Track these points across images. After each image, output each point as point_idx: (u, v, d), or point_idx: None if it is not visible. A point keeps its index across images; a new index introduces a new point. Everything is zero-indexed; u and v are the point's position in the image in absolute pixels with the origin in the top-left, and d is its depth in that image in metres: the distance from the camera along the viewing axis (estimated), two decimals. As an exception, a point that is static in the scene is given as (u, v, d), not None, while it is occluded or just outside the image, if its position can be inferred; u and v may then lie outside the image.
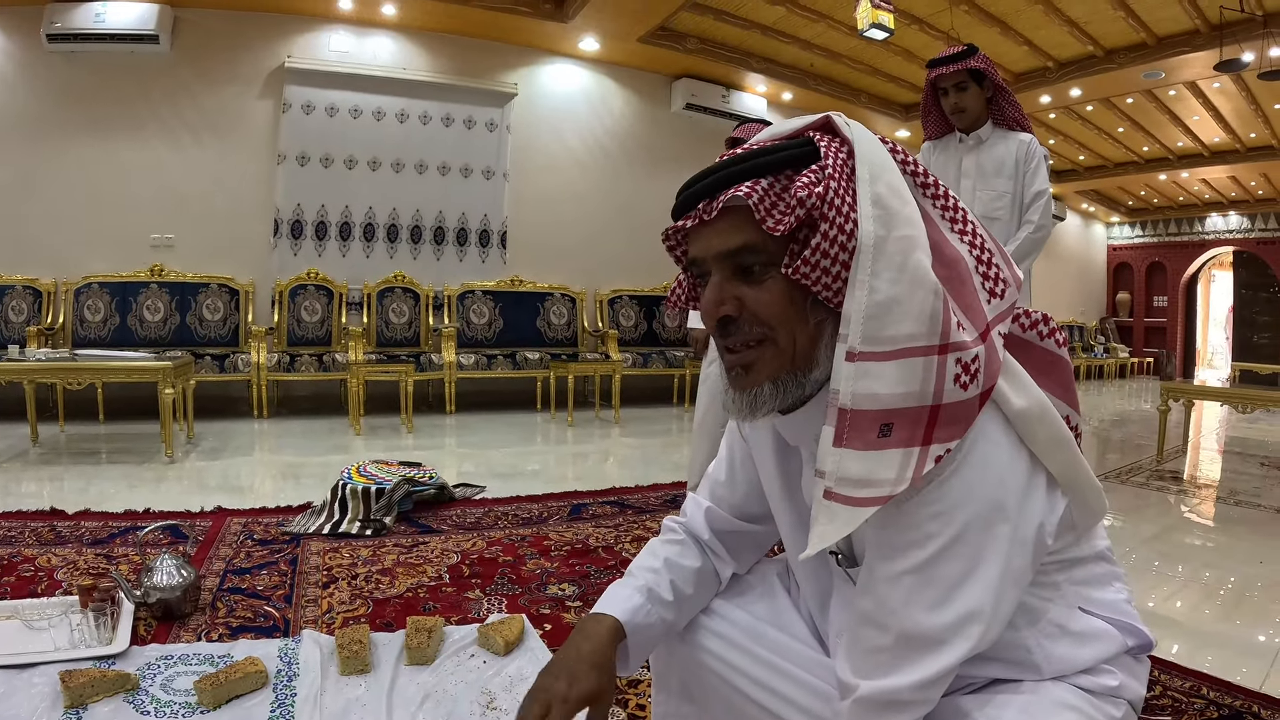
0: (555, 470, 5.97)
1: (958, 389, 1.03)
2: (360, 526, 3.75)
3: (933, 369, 1.02)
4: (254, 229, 8.92)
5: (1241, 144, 15.10)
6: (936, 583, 1.05)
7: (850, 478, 1.04)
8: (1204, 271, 23.14)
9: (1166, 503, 5.25)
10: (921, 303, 1.02)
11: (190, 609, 2.68)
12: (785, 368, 1.14)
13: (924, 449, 1.03)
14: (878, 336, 1.02)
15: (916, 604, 1.06)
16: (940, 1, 9.54)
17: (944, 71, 3.96)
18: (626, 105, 11.17)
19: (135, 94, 8.46)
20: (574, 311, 10.17)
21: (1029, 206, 3.96)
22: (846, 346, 1.02)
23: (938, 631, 1.05)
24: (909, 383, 1.02)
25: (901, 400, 1.02)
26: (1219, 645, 2.79)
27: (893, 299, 1.02)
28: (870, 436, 1.03)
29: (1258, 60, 9.78)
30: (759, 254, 1.11)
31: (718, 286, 1.14)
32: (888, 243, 1.03)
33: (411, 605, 2.82)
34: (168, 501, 4.33)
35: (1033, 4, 9.60)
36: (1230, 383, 11.02)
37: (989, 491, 1.06)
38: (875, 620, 1.09)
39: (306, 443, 6.66)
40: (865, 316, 1.02)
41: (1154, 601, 3.23)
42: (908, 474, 1.02)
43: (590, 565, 3.31)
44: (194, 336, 8.22)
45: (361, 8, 9.10)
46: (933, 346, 1.03)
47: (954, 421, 1.04)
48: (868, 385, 1.02)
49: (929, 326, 1.02)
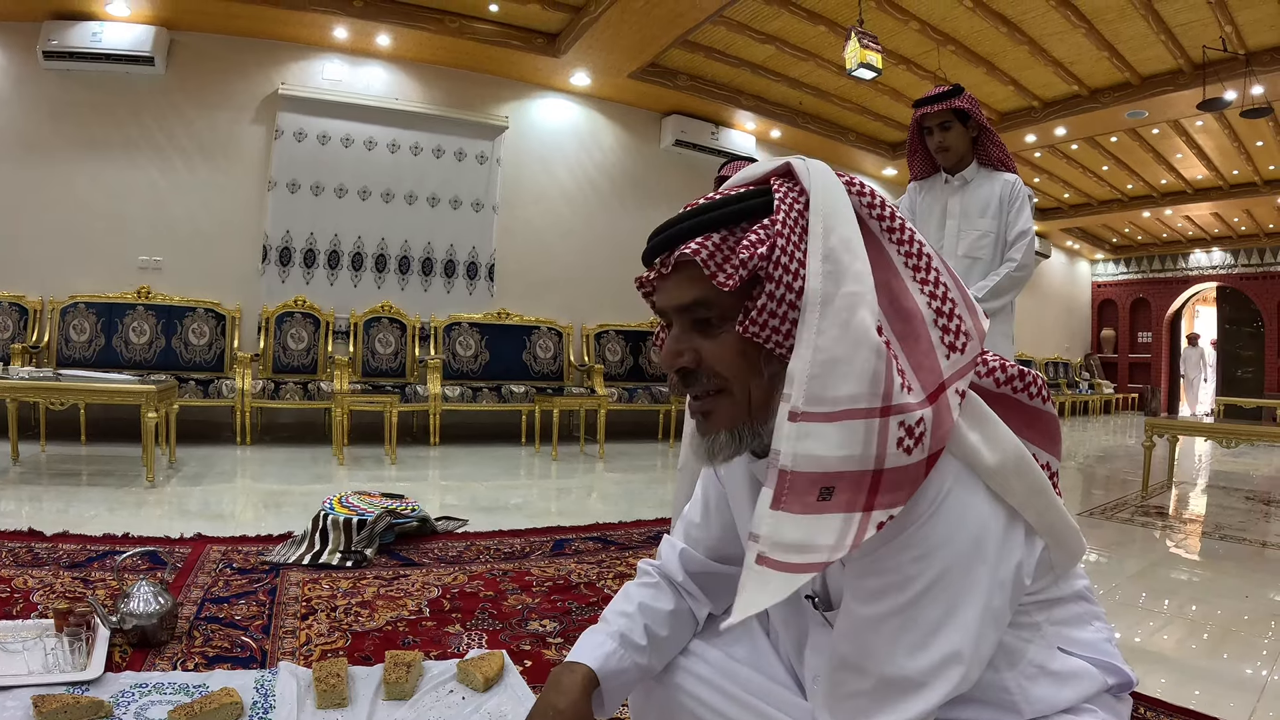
0: (539, 505, 5.94)
1: (901, 453, 1.01)
2: (341, 558, 3.73)
3: (874, 432, 1.01)
4: (243, 254, 8.94)
5: (1224, 181, 15.33)
6: (917, 626, 1.05)
7: (785, 543, 1.02)
8: (1188, 307, 23.35)
9: (1152, 538, 5.28)
10: (864, 363, 1.01)
11: (167, 637, 2.65)
12: (741, 419, 1.16)
13: (865, 514, 1.01)
14: (821, 396, 1.01)
15: (897, 647, 1.05)
16: (928, 42, 9.67)
17: (929, 110, 3.97)
18: (616, 140, 11.26)
19: (128, 115, 8.50)
20: (560, 345, 10.17)
21: (1012, 245, 3.97)
22: (790, 406, 1.02)
23: (918, 674, 1.05)
24: (850, 445, 1.00)
25: (843, 464, 1.01)
26: (1206, 680, 2.80)
27: (836, 358, 1.01)
28: (810, 499, 1.01)
29: (1240, 98, 9.92)
30: (712, 308, 1.12)
31: (676, 339, 1.17)
32: (835, 299, 1.03)
33: (391, 639, 2.80)
34: (147, 526, 4.30)
35: (1018, 45, 9.73)
36: (1215, 417, 11.08)
37: (969, 533, 1.06)
38: (854, 664, 1.09)
39: (289, 471, 6.62)
40: (809, 376, 1.01)
41: (1140, 637, 3.24)
42: (847, 541, 1.00)
43: (572, 601, 3.29)
44: (179, 360, 8.20)
45: (356, 37, 9.16)
46: (874, 409, 1.01)
47: (897, 487, 1.02)
48: (809, 446, 1.01)
49: (870, 388, 1.01)
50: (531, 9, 8.94)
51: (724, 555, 1.52)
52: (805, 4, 8.94)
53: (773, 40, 9.78)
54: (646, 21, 8.73)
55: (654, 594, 1.51)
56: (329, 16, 8.63)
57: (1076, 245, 22.00)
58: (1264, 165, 14.27)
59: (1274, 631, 3.31)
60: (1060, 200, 17.44)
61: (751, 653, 1.48)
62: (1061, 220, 18.46)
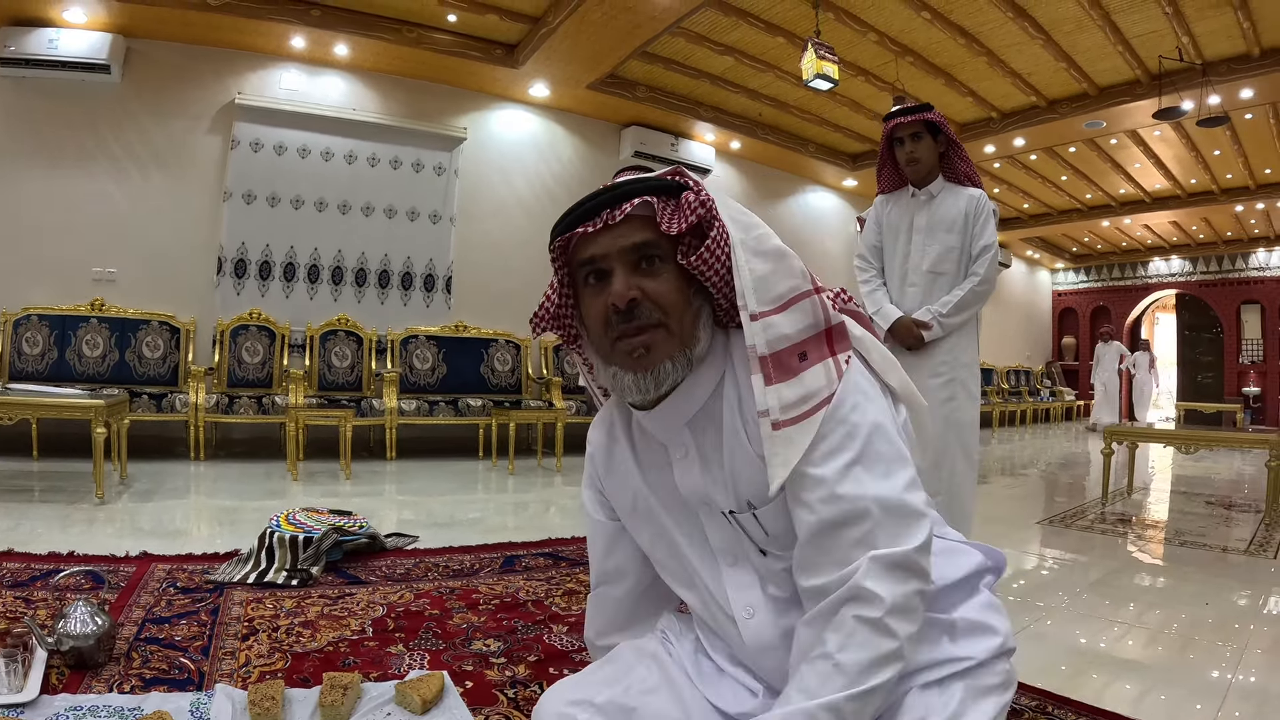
0: (495, 519, 5.90)
1: (835, 313, 1.42)
2: (287, 576, 3.68)
3: (816, 304, 1.39)
4: (197, 266, 8.86)
5: (1183, 190, 15.57)
6: (879, 460, 1.32)
7: (790, 401, 1.33)
8: (1148, 314, 23.63)
9: (1113, 545, 5.32)
10: (794, 263, 1.41)
11: (105, 658, 2.60)
12: (677, 348, 1.42)
13: (834, 358, 1.38)
14: (768, 297, 1.37)
15: (872, 482, 1.30)
16: (886, 53, 9.73)
17: (901, 121, 4.09)
18: (575, 152, 11.27)
19: (83, 124, 8.40)
20: (518, 358, 10.13)
21: (975, 259, 4.09)
22: (748, 312, 1.36)
23: (906, 498, 1.31)
24: (804, 319, 1.38)
25: (804, 332, 1.38)
26: (1169, 686, 2.82)
27: (768, 272, 1.38)
28: (794, 364, 1.35)
29: (1197, 108, 10.05)
30: (656, 248, 1.42)
31: (623, 278, 1.40)
32: (746, 242, 1.40)
33: (331, 660, 2.76)
34: (96, 544, 4.23)
35: (977, 56, 9.81)
36: (1176, 423, 11.20)
37: (864, 387, 1.39)
38: (845, 518, 1.29)
39: (242, 487, 6.55)
40: (753, 288, 1.37)
41: (1105, 643, 3.27)
42: (835, 376, 1.36)
43: (518, 620, 3.26)
44: (133, 374, 8.10)
45: (314, 47, 9.12)
46: (810, 290, 1.40)
47: (843, 336, 1.41)
48: (776, 331, 1.36)
49: (801, 280, 1.40)
50: (490, 19, 8.93)
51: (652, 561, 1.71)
52: (764, 15, 8.98)
53: (731, 51, 9.82)
54: (605, 33, 8.75)
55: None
56: (286, 25, 8.59)
57: (1037, 254, 22.21)
58: (1221, 174, 14.48)
59: (1236, 637, 3.34)
60: (1020, 210, 17.60)
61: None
62: (1022, 230, 18.62)
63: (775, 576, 1.46)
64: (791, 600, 1.44)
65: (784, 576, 1.45)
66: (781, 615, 1.45)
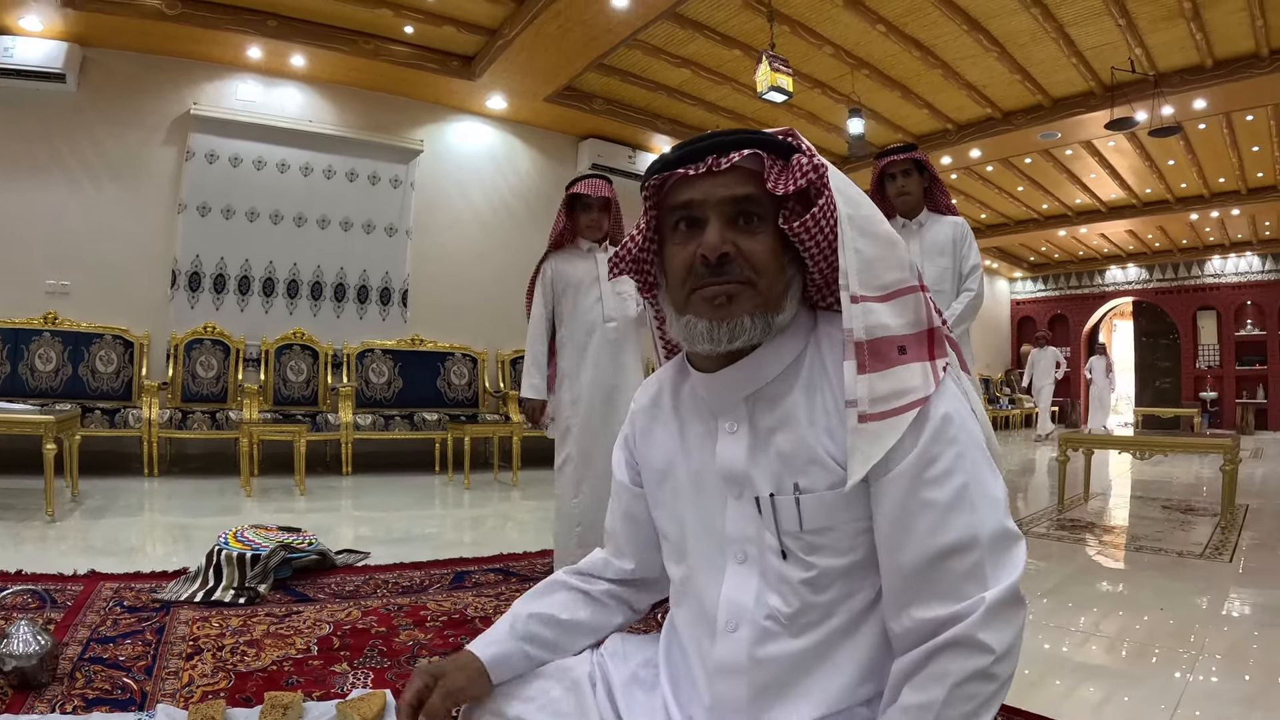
0: (450, 535, 5.90)
1: (936, 315, 1.33)
2: (234, 594, 3.66)
3: (920, 302, 1.31)
4: (151, 279, 8.79)
5: (1138, 199, 15.78)
6: (983, 484, 1.25)
7: (881, 395, 1.24)
8: (1105, 322, 23.94)
9: (1071, 551, 5.37)
10: (902, 254, 1.32)
11: (48, 678, 2.58)
12: (760, 308, 1.33)
13: (932, 362, 1.29)
14: (872, 284, 1.29)
15: (985, 509, 1.23)
16: (842, 66, 9.80)
17: (895, 159, 4.61)
18: (533, 164, 11.28)
19: (37, 133, 8.32)
20: (475, 372, 10.14)
21: (967, 277, 4.61)
22: (850, 293, 1.27)
23: (1004, 522, 1.24)
24: (905, 314, 1.30)
25: (906, 328, 1.29)
26: (1132, 689, 2.88)
27: (878, 257, 1.30)
28: (891, 356, 1.26)
29: (1150, 119, 10.16)
30: (759, 205, 1.33)
31: (718, 230, 1.32)
32: (855, 218, 1.30)
33: (275, 679, 2.74)
34: (46, 562, 4.19)
35: (932, 69, 9.90)
36: (1135, 428, 11.31)
37: (965, 405, 1.31)
38: (957, 546, 1.21)
39: (196, 504, 6.50)
40: (857, 270, 1.28)
41: (1067, 648, 3.32)
42: (930, 380, 1.27)
43: (465, 636, 3.24)
44: (86, 389, 8.02)
45: (270, 57, 9.09)
46: (915, 286, 1.32)
47: (942, 342, 1.32)
48: (876, 319, 1.27)
49: (909, 274, 1.32)
50: (447, 31, 8.93)
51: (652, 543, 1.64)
52: (720, 28, 9.04)
53: (688, 64, 9.87)
54: (561, 45, 8.77)
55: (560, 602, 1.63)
56: (243, 36, 8.57)
57: (995, 264, 22.43)
58: (1176, 183, 14.69)
59: (1193, 642, 3.38)
60: (978, 220, 17.74)
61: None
62: (979, 240, 18.39)
63: (782, 587, 1.35)
64: (784, 627, 1.34)
65: (792, 590, 1.34)
66: (761, 642, 1.35)
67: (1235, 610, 4.00)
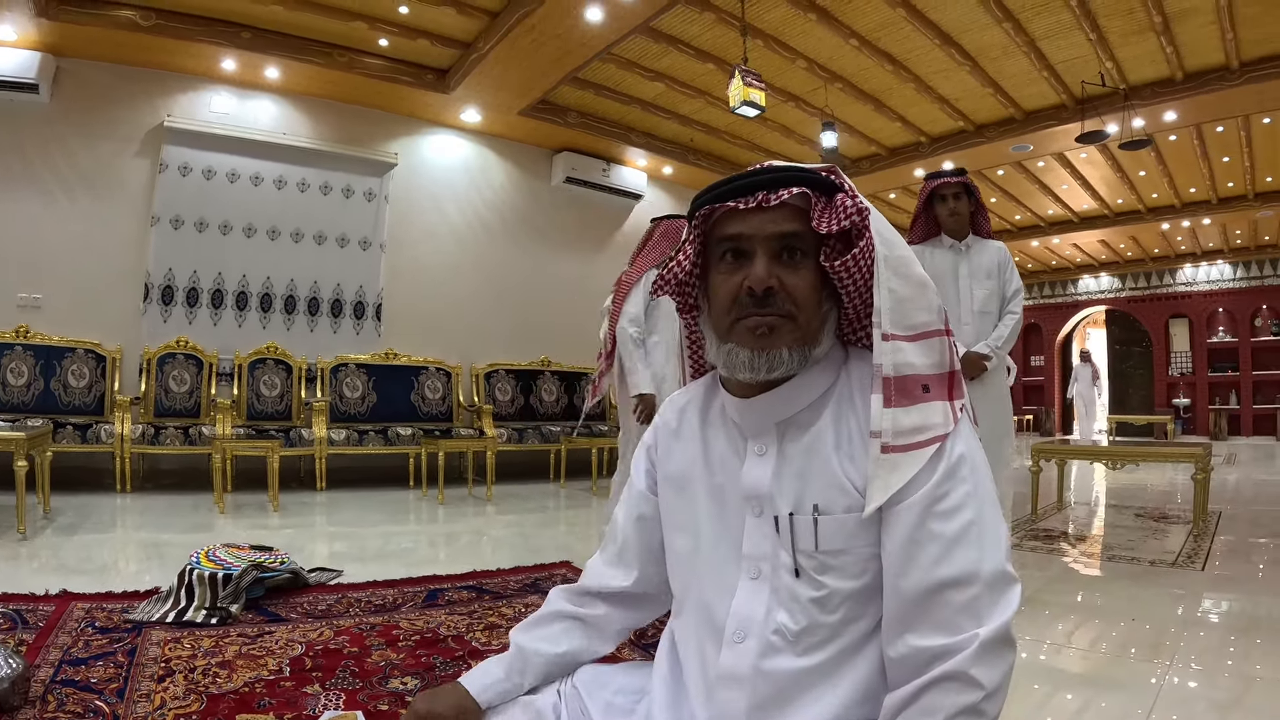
0: (425, 551, 5.88)
1: (956, 358, 1.40)
2: (206, 615, 3.64)
3: (945, 346, 1.39)
4: (124, 293, 8.74)
5: (1110, 209, 15.96)
6: (988, 525, 1.30)
7: (905, 428, 1.31)
8: (1079, 330, 24.09)
9: (1046, 561, 5.41)
10: (932, 298, 1.40)
11: (20, 701, 2.57)
12: (799, 341, 1.40)
13: (952, 402, 1.37)
14: (903, 323, 1.36)
15: (987, 549, 1.28)
16: (815, 79, 9.85)
17: (949, 181, 4.74)
18: (507, 178, 11.28)
19: (9, 144, 8.27)
20: (449, 386, 10.12)
21: (1010, 300, 4.73)
22: (881, 330, 1.35)
23: (1007, 565, 1.29)
24: (931, 355, 1.37)
25: (931, 368, 1.37)
26: (1110, 694, 2.92)
27: (909, 297, 1.37)
28: (916, 393, 1.34)
29: (1121, 131, 10.26)
30: (803, 242, 1.40)
31: (765, 264, 1.39)
32: (890, 259, 1.37)
33: (247, 701, 2.73)
34: (18, 581, 4.17)
35: (905, 83, 9.97)
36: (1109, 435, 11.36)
37: (978, 448, 1.39)
38: (957, 579, 1.27)
39: (168, 520, 6.45)
40: (890, 310, 1.35)
41: (1044, 656, 3.37)
42: (950, 419, 1.35)
43: (437, 656, 3.25)
44: (58, 404, 7.95)
45: (244, 69, 9.08)
46: (941, 330, 1.40)
47: (960, 385, 1.40)
48: (904, 358, 1.35)
49: (937, 317, 1.40)
50: (421, 44, 8.94)
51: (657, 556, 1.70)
52: (693, 42, 9.08)
53: (662, 78, 9.90)
54: (535, 58, 8.79)
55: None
56: (217, 47, 8.55)
57: (969, 274, 22.49)
58: (1147, 194, 14.85)
59: (1167, 649, 3.43)
60: (951, 232, 17.79)
61: None
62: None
63: (792, 604, 1.39)
64: (789, 643, 1.38)
65: (801, 608, 1.38)
66: (767, 655, 1.39)
67: (1208, 617, 4.06)
